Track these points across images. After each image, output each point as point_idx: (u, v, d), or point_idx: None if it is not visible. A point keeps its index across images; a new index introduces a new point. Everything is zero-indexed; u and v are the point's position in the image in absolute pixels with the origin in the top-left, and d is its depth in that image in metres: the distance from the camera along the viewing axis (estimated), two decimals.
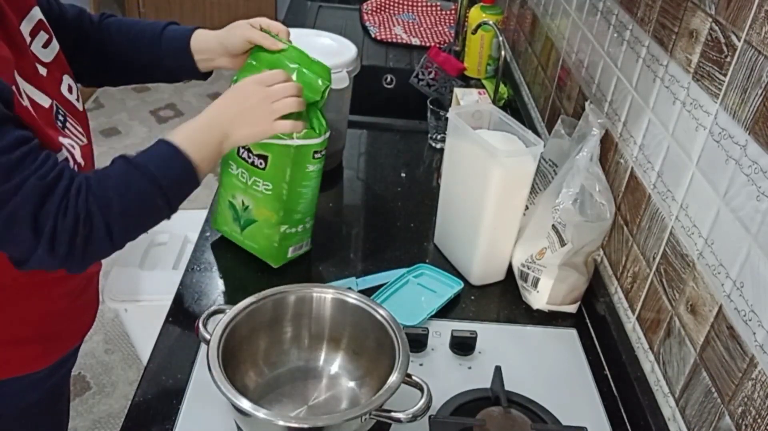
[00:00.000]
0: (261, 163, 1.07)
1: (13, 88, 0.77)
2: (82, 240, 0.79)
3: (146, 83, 1.16)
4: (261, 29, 1.07)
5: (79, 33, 1.05)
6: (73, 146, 0.88)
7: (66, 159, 0.84)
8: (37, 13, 0.91)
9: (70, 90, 0.95)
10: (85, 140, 0.94)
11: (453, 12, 2.46)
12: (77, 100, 0.96)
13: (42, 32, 0.91)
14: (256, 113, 0.95)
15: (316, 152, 1.07)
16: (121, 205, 0.82)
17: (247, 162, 1.09)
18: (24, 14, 0.88)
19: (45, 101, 0.86)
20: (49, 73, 0.90)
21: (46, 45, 0.91)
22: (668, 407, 0.90)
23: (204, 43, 1.09)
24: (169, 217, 0.88)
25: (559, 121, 1.24)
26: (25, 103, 0.80)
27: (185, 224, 1.83)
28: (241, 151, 1.09)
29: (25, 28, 0.88)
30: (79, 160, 0.88)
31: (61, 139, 0.86)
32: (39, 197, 0.75)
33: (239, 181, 1.12)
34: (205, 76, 1.14)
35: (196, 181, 0.90)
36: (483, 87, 1.94)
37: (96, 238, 0.80)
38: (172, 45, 1.08)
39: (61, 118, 0.90)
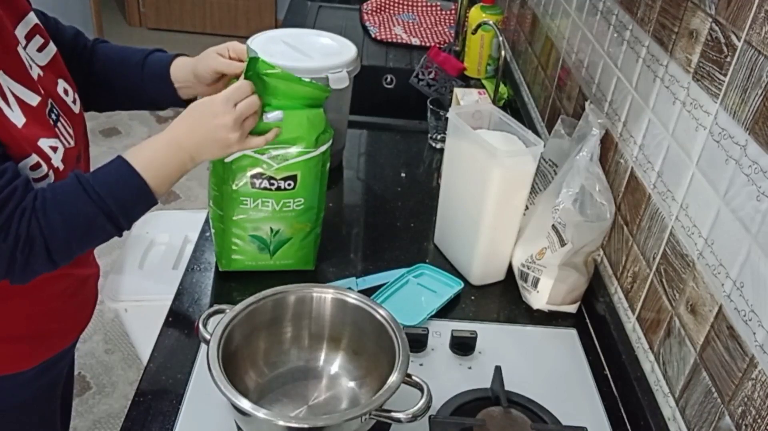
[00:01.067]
0: (290, 184, 1.04)
1: None
2: (22, 261, 0.81)
3: (131, 110, 1.15)
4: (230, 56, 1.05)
5: (73, 55, 1.05)
6: (55, 148, 0.87)
7: (37, 163, 0.84)
8: (32, 18, 0.92)
9: (66, 92, 0.95)
10: (72, 143, 0.93)
11: (453, 12, 2.46)
12: (73, 102, 0.97)
13: (38, 36, 0.92)
14: (228, 136, 0.92)
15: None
16: (65, 229, 0.83)
17: (270, 190, 1.04)
18: (20, 18, 0.90)
19: (33, 99, 0.86)
20: (45, 76, 0.91)
21: (41, 49, 0.92)
22: (668, 407, 0.90)
23: (181, 72, 1.07)
24: (120, 236, 0.89)
25: (559, 121, 1.24)
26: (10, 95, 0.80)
27: (185, 224, 1.84)
28: (258, 182, 1.03)
29: (21, 31, 0.89)
30: (57, 163, 0.87)
31: (42, 141, 0.85)
32: None
33: (262, 211, 1.06)
34: (188, 103, 1.09)
35: (153, 201, 0.90)
36: (483, 87, 1.94)
37: (36, 260, 0.82)
38: (154, 73, 1.07)
39: (54, 116, 0.90)
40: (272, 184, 1.04)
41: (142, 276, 1.70)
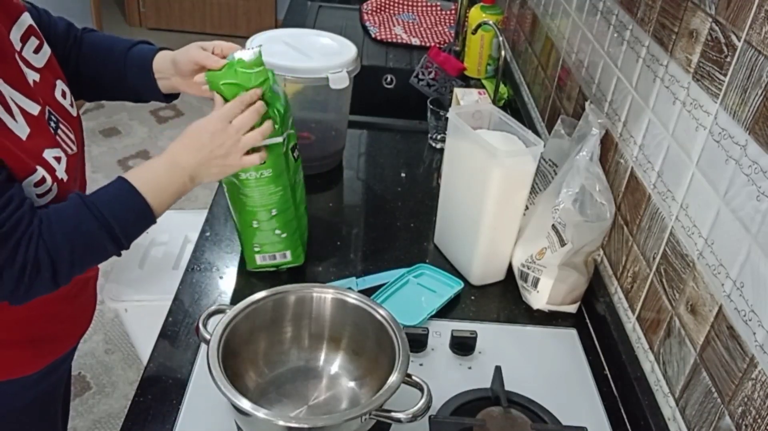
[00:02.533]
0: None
1: None
2: (28, 283, 0.81)
3: (117, 100, 1.16)
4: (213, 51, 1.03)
5: (65, 46, 1.05)
6: (59, 158, 0.87)
7: (42, 179, 0.83)
8: (27, 19, 0.91)
9: (63, 95, 0.94)
10: (75, 149, 0.93)
11: (453, 12, 2.46)
12: (71, 105, 0.96)
13: (33, 37, 0.91)
14: (226, 154, 0.93)
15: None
16: (70, 251, 0.83)
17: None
18: (14, 20, 0.88)
19: (34, 109, 0.85)
20: (42, 79, 0.90)
21: (37, 50, 0.91)
22: (668, 407, 0.90)
23: (162, 62, 1.07)
24: (119, 255, 0.90)
25: (559, 120, 1.24)
26: (1, 117, 0.79)
27: (185, 224, 1.84)
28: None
29: (15, 34, 0.88)
30: (61, 175, 0.87)
31: (47, 152, 0.85)
32: None
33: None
34: (168, 98, 1.11)
35: (153, 221, 0.91)
36: (483, 87, 1.94)
37: (41, 282, 0.83)
38: (135, 63, 1.07)
39: (53, 125, 0.89)
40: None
41: (142, 276, 1.70)
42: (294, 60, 1.28)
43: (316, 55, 1.32)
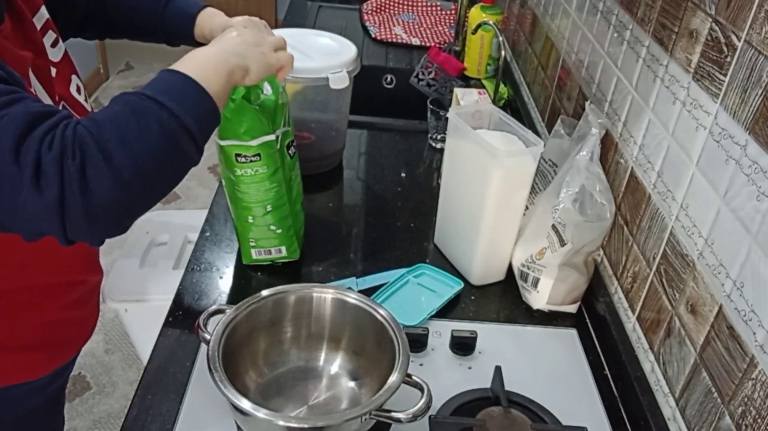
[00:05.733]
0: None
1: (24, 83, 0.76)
2: (76, 173, 0.64)
3: (142, 41, 1.19)
4: None
5: (94, 15, 1.07)
6: None
7: None
8: (44, 12, 0.91)
9: (78, 90, 0.95)
10: None
11: (453, 12, 2.46)
12: (85, 100, 0.97)
13: (50, 31, 0.91)
14: (263, 49, 0.90)
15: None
16: (116, 129, 0.67)
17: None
18: (34, 12, 0.89)
19: (51, 101, 0.86)
20: (59, 73, 0.90)
21: (54, 44, 0.91)
22: (668, 407, 0.90)
23: (202, 30, 1.10)
24: (196, 153, 0.74)
25: (559, 120, 1.24)
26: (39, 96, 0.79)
27: (185, 224, 1.84)
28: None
29: (36, 26, 0.88)
30: None
31: None
32: (22, 127, 0.64)
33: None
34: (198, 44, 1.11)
35: (214, 108, 0.76)
36: (483, 87, 1.94)
37: (93, 170, 0.65)
38: (177, 16, 1.10)
39: None
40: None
41: (142, 276, 1.70)
42: (294, 60, 1.28)
43: (316, 55, 1.32)
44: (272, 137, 1.03)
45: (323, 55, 1.33)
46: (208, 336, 0.85)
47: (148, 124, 0.68)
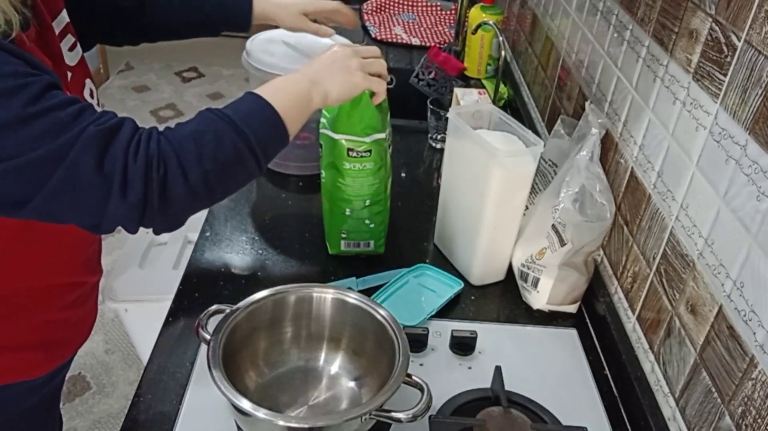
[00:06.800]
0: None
1: None
2: (158, 184, 0.74)
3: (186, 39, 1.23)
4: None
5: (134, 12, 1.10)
6: None
7: None
8: (65, 16, 0.91)
9: (91, 94, 0.96)
10: None
11: (453, 12, 2.46)
12: (97, 104, 0.97)
13: (69, 35, 0.92)
14: (347, 66, 0.94)
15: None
16: (197, 148, 0.76)
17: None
18: (54, 16, 0.89)
19: None
20: (74, 77, 0.90)
21: (71, 48, 0.92)
22: (668, 407, 0.90)
23: (260, 12, 1.19)
24: (258, 171, 0.83)
25: (559, 120, 1.24)
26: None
27: (185, 224, 1.83)
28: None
29: (55, 29, 0.88)
30: None
31: None
32: (102, 141, 0.72)
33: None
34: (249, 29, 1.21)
35: (283, 130, 0.84)
36: (483, 87, 1.94)
37: (172, 183, 0.75)
38: (237, 6, 1.17)
39: None
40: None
41: (142, 276, 1.70)
42: (293, 61, 1.28)
43: (316, 55, 1.32)
44: (383, 135, 1.08)
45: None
46: (208, 336, 0.85)
47: (223, 147, 0.78)
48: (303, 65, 0.95)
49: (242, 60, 1.31)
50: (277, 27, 1.26)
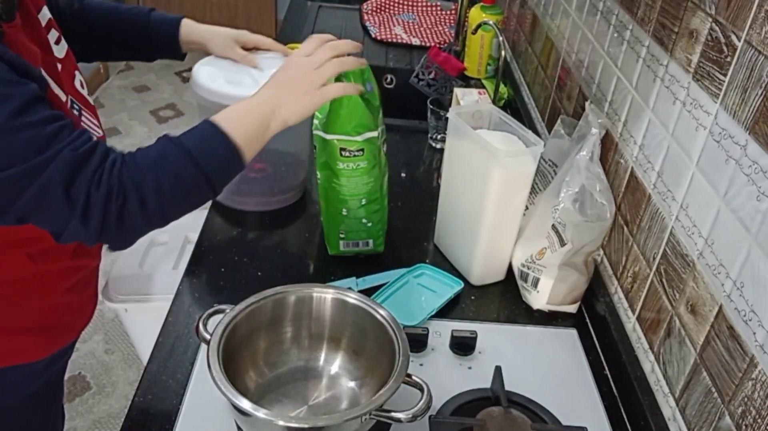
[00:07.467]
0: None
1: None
2: (116, 212, 0.79)
3: (118, 60, 1.25)
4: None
5: (69, 17, 1.08)
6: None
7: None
8: (47, 12, 0.93)
9: (82, 85, 0.98)
10: (100, 132, 0.97)
11: (453, 12, 2.46)
12: (88, 94, 0.99)
13: (53, 29, 0.94)
14: (301, 84, 0.94)
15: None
16: (155, 180, 0.81)
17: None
18: (38, 10, 0.91)
19: (63, 96, 0.88)
20: (63, 69, 0.92)
21: (57, 41, 0.94)
22: (668, 407, 0.90)
23: (187, 38, 1.18)
24: (213, 197, 0.88)
25: (559, 120, 1.24)
26: (55, 91, 0.82)
27: (185, 224, 1.83)
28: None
29: (41, 22, 0.91)
30: None
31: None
32: (73, 168, 0.76)
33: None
34: (183, 56, 1.22)
35: (240, 160, 0.88)
36: (483, 87, 1.94)
37: (129, 211, 0.80)
38: (161, 26, 1.16)
39: (76, 113, 0.92)
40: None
41: (142, 276, 1.70)
42: (246, 87, 1.12)
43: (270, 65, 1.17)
44: (375, 133, 1.08)
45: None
46: (208, 336, 0.85)
47: (181, 178, 0.83)
48: (262, 87, 0.95)
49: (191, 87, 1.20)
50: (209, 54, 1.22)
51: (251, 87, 1.04)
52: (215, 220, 1.30)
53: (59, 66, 0.91)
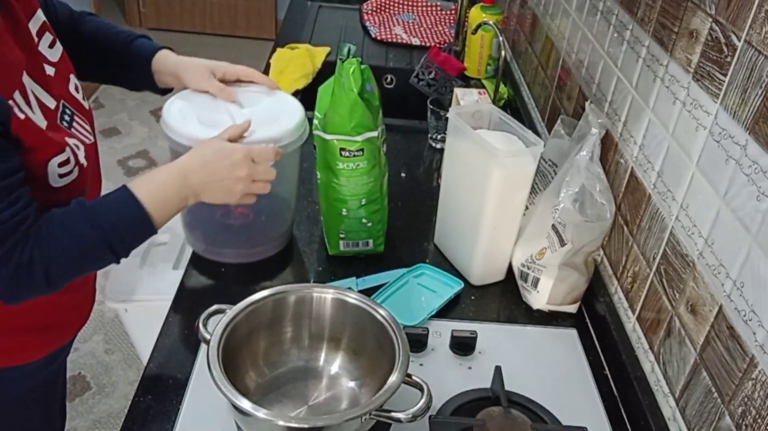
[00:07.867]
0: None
1: (15, 97, 0.78)
2: (20, 283, 0.82)
3: (111, 84, 1.20)
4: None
5: (67, 30, 1.06)
6: (78, 146, 0.89)
7: (67, 160, 0.85)
8: (41, 15, 0.92)
9: (77, 89, 0.97)
10: (91, 138, 0.95)
11: (453, 12, 2.46)
12: (83, 98, 0.98)
13: (47, 33, 0.93)
14: (234, 188, 0.95)
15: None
16: (64, 257, 0.84)
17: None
18: (31, 14, 0.90)
19: (51, 102, 0.87)
20: (57, 73, 0.91)
21: (51, 45, 0.93)
22: (668, 407, 0.90)
23: (163, 66, 1.11)
24: (117, 263, 0.90)
25: (559, 120, 1.24)
26: (25, 112, 0.80)
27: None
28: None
29: (32, 28, 0.89)
30: (82, 160, 0.89)
31: (66, 140, 0.87)
32: None
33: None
34: (163, 92, 1.16)
35: (152, 231, 0.90)
36: (483, 87, 1.94)
37: (34, 284, 0.83)
38: (137, 59, 1.11)
39: (67, 117, 0.91)
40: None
41: (142, 276, 1.70)
42: (219, 127, 1.01)
43: (253, 122, 1.03)
44: (375, 133, 1.09)
45: (259, 123, 1.04)
46: (208, 336, 0.85)
47: (89, 255, 0.86)
48: (192, 159, 0.93)
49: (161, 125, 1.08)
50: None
51: (226, 125, 1.00)
52: None
53: (52, 70, 0.90)
